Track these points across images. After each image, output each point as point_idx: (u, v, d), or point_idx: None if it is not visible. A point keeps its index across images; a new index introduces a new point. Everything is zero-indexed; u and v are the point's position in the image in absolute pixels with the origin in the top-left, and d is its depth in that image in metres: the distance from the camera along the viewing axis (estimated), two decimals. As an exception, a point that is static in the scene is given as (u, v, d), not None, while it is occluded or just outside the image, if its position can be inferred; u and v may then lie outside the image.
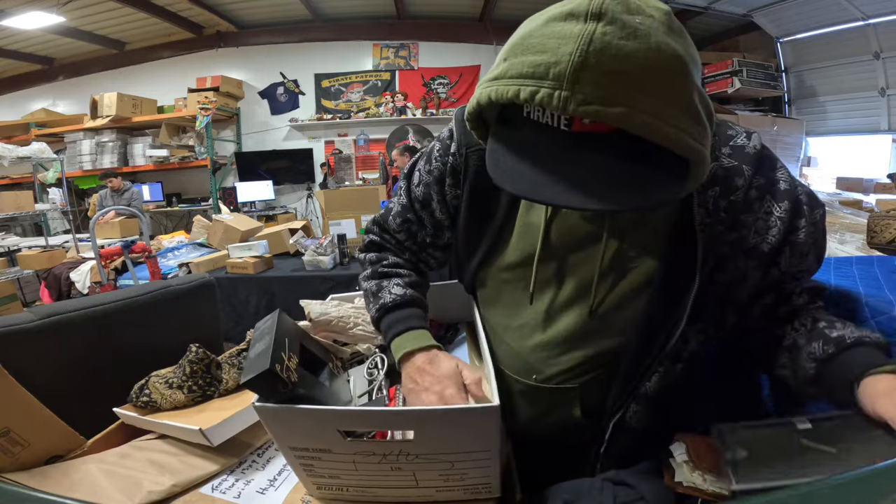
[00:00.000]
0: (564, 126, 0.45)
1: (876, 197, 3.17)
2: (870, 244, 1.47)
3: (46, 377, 0.78)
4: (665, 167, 0.44)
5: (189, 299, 1.14)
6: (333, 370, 0.74)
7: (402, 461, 0.55)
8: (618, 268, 0.63)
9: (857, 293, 0.73)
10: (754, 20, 4.76)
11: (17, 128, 5.81)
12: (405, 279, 0.75)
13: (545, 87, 0.41)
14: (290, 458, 0.58)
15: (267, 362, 0.52)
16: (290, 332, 0.64)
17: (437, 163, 0.74)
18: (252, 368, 0.53)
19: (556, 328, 0.67)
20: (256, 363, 0.54)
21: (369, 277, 0.77)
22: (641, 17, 0.41)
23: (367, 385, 0.71)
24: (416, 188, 0.76)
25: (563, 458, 0.73)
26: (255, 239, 2.83)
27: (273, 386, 0.52)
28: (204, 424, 0.70)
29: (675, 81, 0.42)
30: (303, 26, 5.82)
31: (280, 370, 0.52)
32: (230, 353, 0.96)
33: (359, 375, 0.74)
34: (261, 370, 0.51)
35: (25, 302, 4.15)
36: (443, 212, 0.75)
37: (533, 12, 0.48)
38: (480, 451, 0.54)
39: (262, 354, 0.55)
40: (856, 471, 0.30)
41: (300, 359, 0.60)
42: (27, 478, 0.65)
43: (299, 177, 5.97)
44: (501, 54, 0.47)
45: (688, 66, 0.43)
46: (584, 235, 0.64)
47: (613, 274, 0.63)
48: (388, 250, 0.81)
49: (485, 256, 0.73)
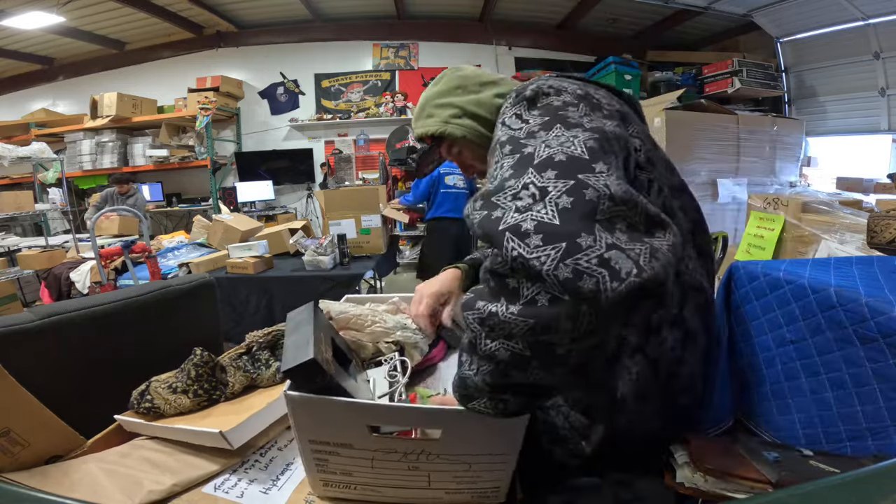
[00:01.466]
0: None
1: (876, 197, 3.16)
2: (870, 244, 1.47)
3: (46, 377, 0.78)
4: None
5: (189, 299, 1.14)
6: (356, 368, 0.74)
7: (421, 460, 0.56)
8: None
9: (857, 293, 0.72)
10: (754, 20, 4.76)
11: (17, 128, 5.81)
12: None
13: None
14: (305, 451, 0.58)
15: (310, 352, 0.52)
16: (323, 326, 0.65)
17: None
18: (294, 358, 0.53)
19: None
20: (298, 353, 0.54)
21: None
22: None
23: (387, 387, 0.71)
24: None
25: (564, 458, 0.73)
26: (255, 239, 2.83)
27: (313, 376, 0.53)
28: (222, 427, 0.70)
29: (419, 113, 0.86)
30: (303, 26, 5.82)
31: (320, 360, 0.53)
32: (232, 356, 0.96)
33: (379, 377, 0.74)
34: (304, 360, 0.52)
35: (25, 302, 4.15)
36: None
37: (531, 13, 0.49)
38: (501, 454, 0.55)
39: (304, 345, 0.55)
40: (856, 471, 0.30)
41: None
42: (27, 477, 0.65)
43: (299, 177, 5.97)
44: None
45: (424, 99, 0.85)
46: None
47: None
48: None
49: None
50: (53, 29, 4.91)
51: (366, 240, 3.03)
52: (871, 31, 4.16)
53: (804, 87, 5.06)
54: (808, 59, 4.90)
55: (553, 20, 5.56)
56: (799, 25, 4.65)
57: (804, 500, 0.28)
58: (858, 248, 1.69)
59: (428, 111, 0.83)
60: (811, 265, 0.89)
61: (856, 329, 0.71)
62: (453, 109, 0.80)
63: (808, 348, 0.79)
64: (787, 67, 5.14)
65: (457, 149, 0.84)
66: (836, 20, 4.32)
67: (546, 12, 5.26)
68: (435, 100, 0.83)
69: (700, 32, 5.53)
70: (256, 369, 0.92)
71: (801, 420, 0.79)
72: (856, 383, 0.71)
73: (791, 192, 2.91)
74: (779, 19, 4.67)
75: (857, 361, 0.71)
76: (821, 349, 0.77)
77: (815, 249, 1.87)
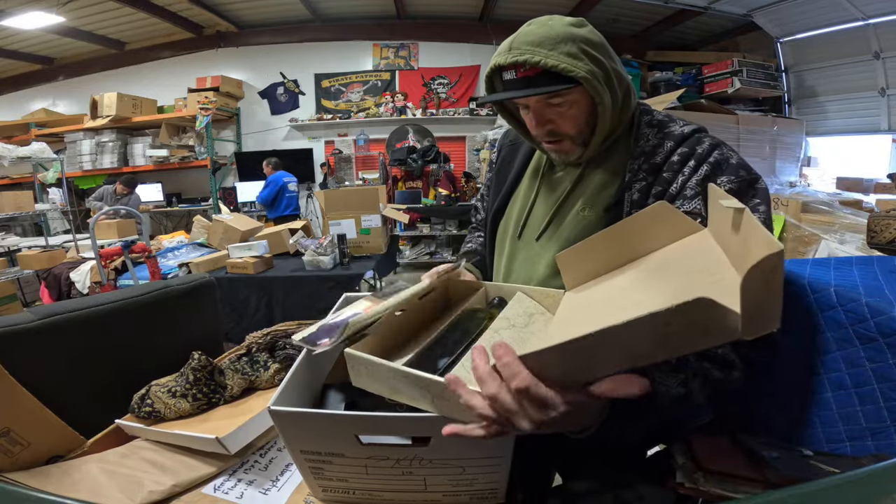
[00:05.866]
0: (513, 76, 0.73)
1: (876, 197, 3.16)
2: (870, 244, 1.47)
3: (46, 377, 0.78)
4: (562, 82, 0.71)
5: (189, 299, 1.14)
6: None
7: (414, 466, 0.55)
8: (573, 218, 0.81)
9: (858, 293, 0.72)
10: (754, 20, 4.76)
11: (17, 128, 5.81)
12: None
13: (499, 57, 0.73)
14: (299, 461, 0.58)
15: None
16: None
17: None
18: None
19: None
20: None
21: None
22: (549, 21, 0.73)
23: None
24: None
25: (563, 458, 0.73)
26: (255, 239, 2.83)
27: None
28: (219, 433, 0.69)
29: (558, 41, 0.69)
30: (303, 26, 5.82)
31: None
32: (232, 358, 0.95)
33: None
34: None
35: (25, 302, 4.15)
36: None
37: (531, 13, 0.50)
38: (493, 456, 0.54)
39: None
40: (856, 471, 0.30)
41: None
42: (27, 477, 0.65)
43: (299, 177, 5.96)
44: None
45: (571, 33, 0.70)
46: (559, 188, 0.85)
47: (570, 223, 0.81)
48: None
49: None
50: (53, 29, 4.91)
51: (366, 240, 3.03)
52: (871, 31, 4.16)
53: (804, 87, 5.06)
54: (808, 59, 4.91)
55: (553, 20, 5.55)
56: (799, 25, 4.65)
57: (804, 500, 0.28)
58: (858, 248, 1.69)
59: (573, 49, 0.69)
60: (811, 265, 0.89)
61: (856, 329, 0.71)
62: (600, 68, 0.70)
63: (808, 348, 0.79)
64: (787, 67, 5.14)
65: (566, 101, 0.73)
66: (836, 20, 4.32)
67: (546, 12, 5.22)
68: (585, 45, 0.70)
69: (700, 32, 5.52)
70: (255, 371, 0.92)
71: (801, 420, 0.79)
72: (856, 383, 0.71)
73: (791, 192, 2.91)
74: (779, 19, 4.67)
75: (857, 361, 0.71)
76: (821, 349, 0.77)
77: (815, 249, 1.87)
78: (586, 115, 0.74)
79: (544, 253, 0.82)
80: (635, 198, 0.73)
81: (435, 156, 5.45)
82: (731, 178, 0.69)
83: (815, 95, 4.96)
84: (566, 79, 0.68)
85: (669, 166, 0.73)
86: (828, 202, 2.16)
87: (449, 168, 5.61)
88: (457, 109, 5.85)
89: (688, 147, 0.73)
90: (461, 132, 5.95)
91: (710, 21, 5.09)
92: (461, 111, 5.82)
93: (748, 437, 0.69)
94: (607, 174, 0.79)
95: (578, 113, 0.74)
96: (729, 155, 0.72)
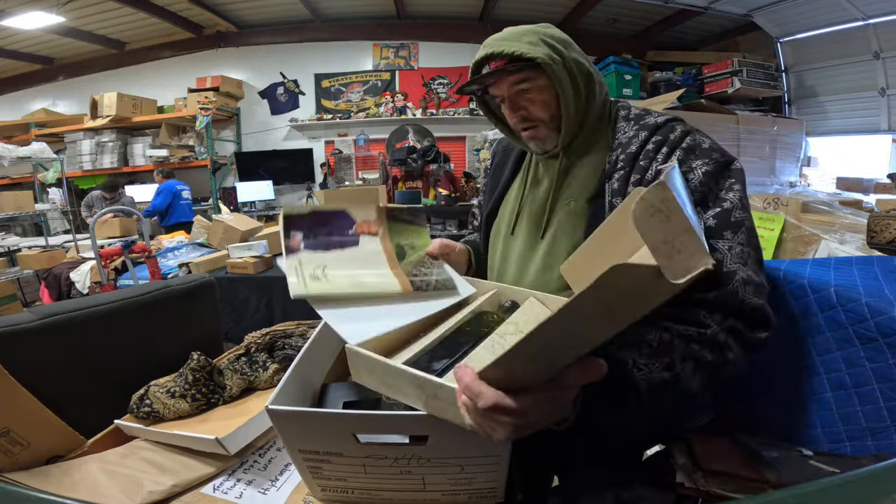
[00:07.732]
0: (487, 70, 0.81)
1: (876, 197, 3.16)
2: (870, 244, 1.47)
3: (46, 377, 0.78)
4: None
5: (189, 299, 1.14)
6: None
7: (412, 465, 0.55)
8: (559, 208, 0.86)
9: (858, 293, 0.72)
10: (754, 20, 4.76)
11: (17, 128, 5.81)
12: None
13: (476, 56, 0.81)
14: (297, 461, 0.58)
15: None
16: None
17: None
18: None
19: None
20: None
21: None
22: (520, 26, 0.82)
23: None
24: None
25: (563, 457, 0.73)
26: (255, 239, 2.83)
27: None
28: (218, 433, 0.69)
29: (522, 34, 0.79)
30: (303, 26, 5.82)
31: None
32: (231, 359, 0.95)
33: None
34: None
35: (25, 302, 4.15)
36: None
37: (532, 13, 0.50)
38: (492, 455, 0.54)
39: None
40: (856, 471, 0.30)
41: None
42: (27, 477, 0.65)
43: (299, 177, 5.96)
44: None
45: (534, 30, 0.80)
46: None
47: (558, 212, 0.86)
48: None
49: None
50: (53, 29, 4.91)
51: (366, 240, 3.02)
52: (871, 31, 4.16)
53: (804, 87, 5.06)
54: (808, 59, 4.90)
55: (553, 20, 5.55)
56: (799, 25, 4.65)
57: (804, 500, 0.28)
58: (858, 248, 1.69)
59: (533, 39, 0.78)
60: (811, 265, 0.89)
61: (856, 329, 0.71)
62: (557, 54, 0.78)
63: (808, 348, 0.79)
64: (787, 67, 5.14)
65: (534, 87, 0.81)
66: (836, 20, 4.32)
67: (546, 12, 5.26)
68: (545, 37, 0.79)
69: (700, 32, 5.52)
70: (254, 371, 0.92)
71: (801, 420, 0.79)
72: (856, 383, 0.71)
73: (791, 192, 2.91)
74: (779, 19, 4.67)
75: (857, 361, 0.71)
76: (821, 349, 0.77)
77: (815, 249, 1.87)
78: (555, 100, 0.80)
79: (536, 247, 0.87)
80: (615, 187, 0.78)
81: (435, 156, 5.45)
82: (705, 161, 0.71)
83: (815, 95, 4.95)
84: (528, 64, 0.77)
85: (645, 154, 0.77)
86: (828, 202, 2.16)
87: (449, 168, 5.61)
88: (457, 109, 5.85)
89: (661, 135, 0.78)
90: (461, 132, 5.94)
91: (710, 21, 5.09)
92: (461, 111, 5.82)
93: (748, 437, 0.69)
94: (589, 168, 0.84)
95: (548, 98, 0.80)
96: (701, 140, 0.75)
